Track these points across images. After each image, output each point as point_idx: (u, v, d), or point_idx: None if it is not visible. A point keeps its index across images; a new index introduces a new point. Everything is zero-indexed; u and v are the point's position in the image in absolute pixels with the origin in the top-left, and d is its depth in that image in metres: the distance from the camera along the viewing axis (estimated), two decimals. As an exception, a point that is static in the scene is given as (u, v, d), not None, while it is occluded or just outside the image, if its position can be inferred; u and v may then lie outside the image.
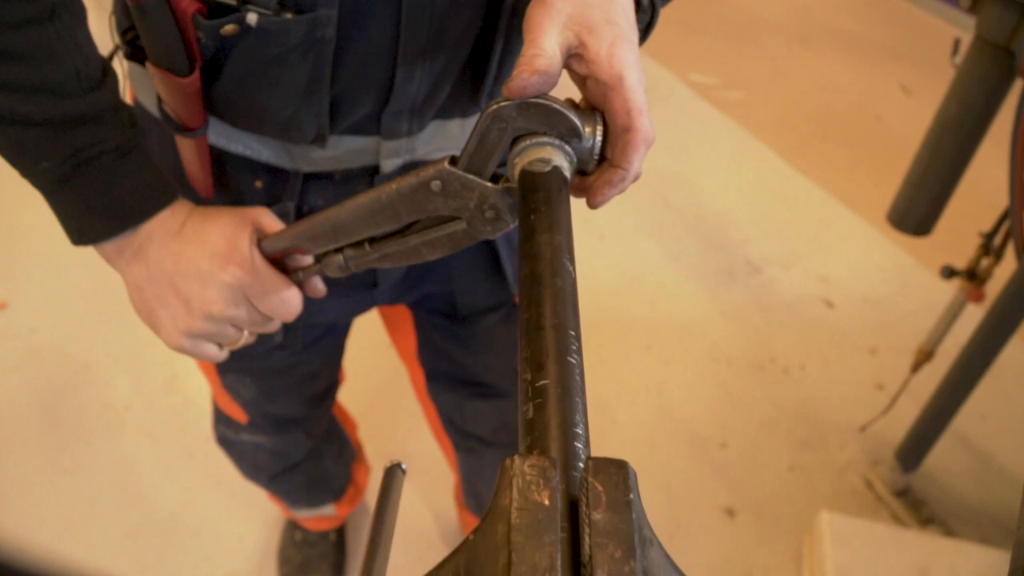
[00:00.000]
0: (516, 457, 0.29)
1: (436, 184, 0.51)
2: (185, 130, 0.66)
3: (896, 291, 2.20)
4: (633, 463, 0.27)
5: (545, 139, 0.48)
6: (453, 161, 0.51)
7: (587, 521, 0.27)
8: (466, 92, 0.72)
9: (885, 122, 2.86)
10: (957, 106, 1.25)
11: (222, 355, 0.65)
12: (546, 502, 0.27)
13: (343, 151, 0.71)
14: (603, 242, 2.25)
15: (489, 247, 0.91)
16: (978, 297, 1.47)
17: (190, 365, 1.82)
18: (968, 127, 1.25)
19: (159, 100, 0.66)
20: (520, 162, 0.48)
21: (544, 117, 0.48)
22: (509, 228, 0.54)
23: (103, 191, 0.57)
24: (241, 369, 0.95)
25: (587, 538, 0.26)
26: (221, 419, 1.15)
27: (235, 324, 0.62)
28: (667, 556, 0.29)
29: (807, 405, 1.88)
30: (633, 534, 0.27)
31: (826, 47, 3.26)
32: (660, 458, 1.72)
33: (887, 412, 1.75)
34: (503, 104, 0.48)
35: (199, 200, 0.71)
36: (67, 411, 1.70)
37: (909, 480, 1.69)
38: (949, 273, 1.49)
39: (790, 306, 2.13)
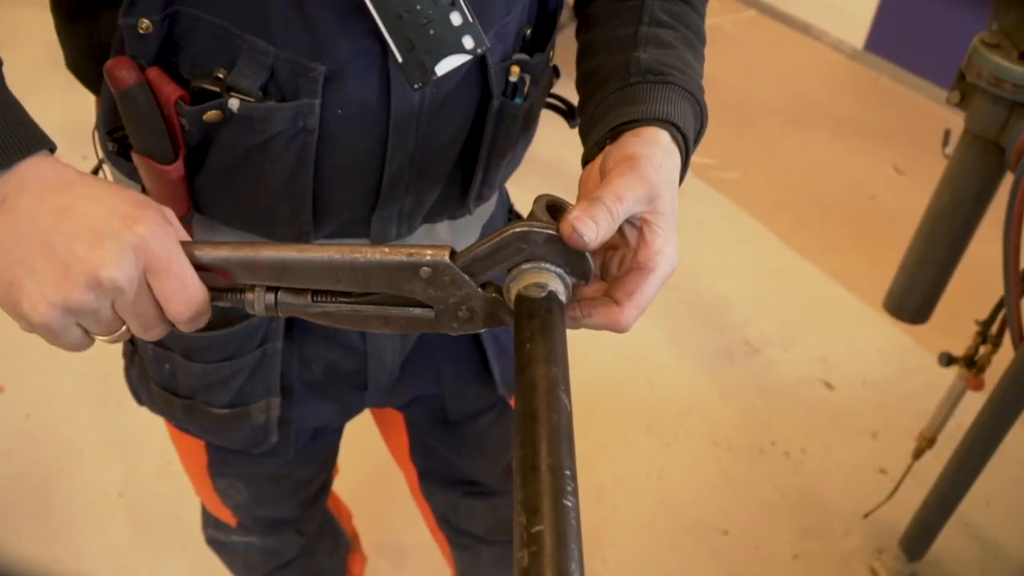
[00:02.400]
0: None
1: (426, 271, 0.50)
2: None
3: (895, 372, 2.19)
4: (633, 551, 0.27)
5: (551, 266, 0.49)
6: (453, 255, 0.51)
7: None
8: (454, 195, 0.74)
9: (879, 202, 2.90)
10: (949, 197, 1.28)
11: (85, 342, 0.52)
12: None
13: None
14: (602, 323, 2.26)
15: (479, 350, 0.91)
16: (977, 385, 1.46)
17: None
18: (961, 218, 1.28)
19: (144, 193, 0.64)
20: (516, 285, 0.49)
21: (566, 256, 0.49)
22: (477, 331, 0.54)
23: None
24: (234, 474, 0.93)
25: None
26: (210, 521, 1.12)
27: (118, 304, 0.49)
28: None
29: (809, 490, 1.85)
30: None
31: (820, 129, 3.33)
32: (661, 546, 1.69)
33: (890, 498, 1.72)
34: (536, 229, 0.48)
35: (196, 342, 0.72)
36: (60, 498, 1.68)
37: (915, 569, 1.66)
38: (947, 361, 1.49)
39: (790, 387, 2.12)
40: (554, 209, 0.53)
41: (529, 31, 0.70)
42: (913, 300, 1.38)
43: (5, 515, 1.63)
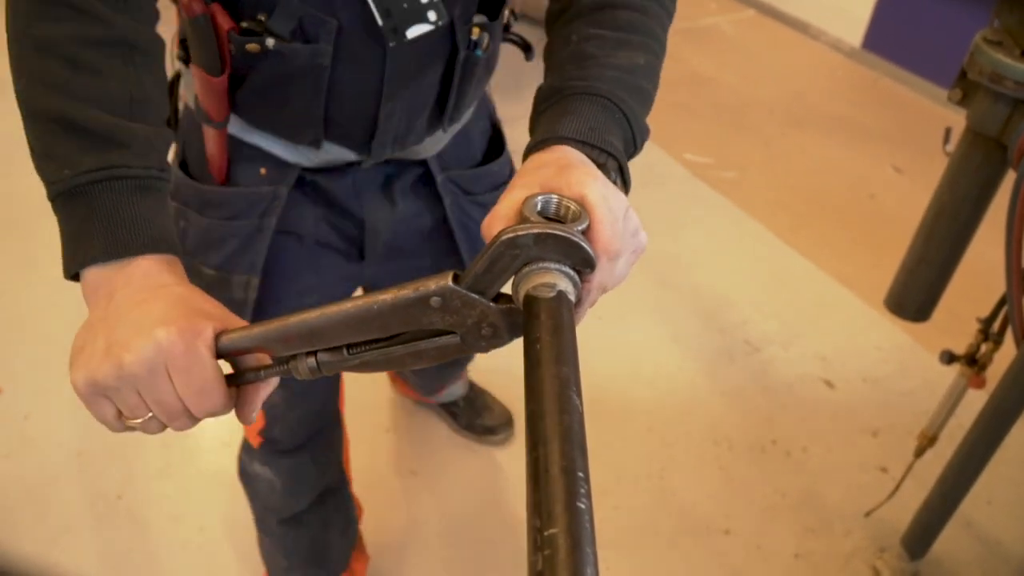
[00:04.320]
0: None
1: (436, 300, 0.51)
2: (212, 121, 0.87)
3: (895, 371, 2.19)
4: (635, 551, 0.26)
5: (552, 264, 0.49)
6: (456, 279, 0.51)
7: None
8: (434, 121, 0.96)
9: (879, 201, 2.90)
10: (951, 195, 1.27)
11: (117, 424, 0.57)
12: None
13: (335, 155, 0.93)
14: (601, 323, 2.25)
15: (450, 239, 1.08)
16: (979, 384, 1.46)
17: (185, 452, 1.79)
18: (962, 216, 1.27)
19: (196, 99, 0.87)
20: (525, 286, 0.49)
21: (561, 248, 0.49)
22: (505, 344, 0.54)
23: (110, 213, 0.56)
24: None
25: None
26: (245, 447, 1.25)
27: (141, 391, 0.54)
28: None
29: (811, 489, 1.85)
30: None
31: (818, 128, 3.33)
32: (662, 546, 1.69)
33: (892, 497, 1.72)
34: (520, 233, 0.48)
35: (211, 196, 0.92)
36: (58, 500, 1.67)
37: (917, 568, 1.65)
38: (949, 359, 1.49)
39: (790, 386, 2.12)
40: (548, 206, 0.53)
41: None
42: (914, 298, 1.38)
43: (4, 517, 1.62)
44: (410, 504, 1.74)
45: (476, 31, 0.87)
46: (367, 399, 1.53)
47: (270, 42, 0.78)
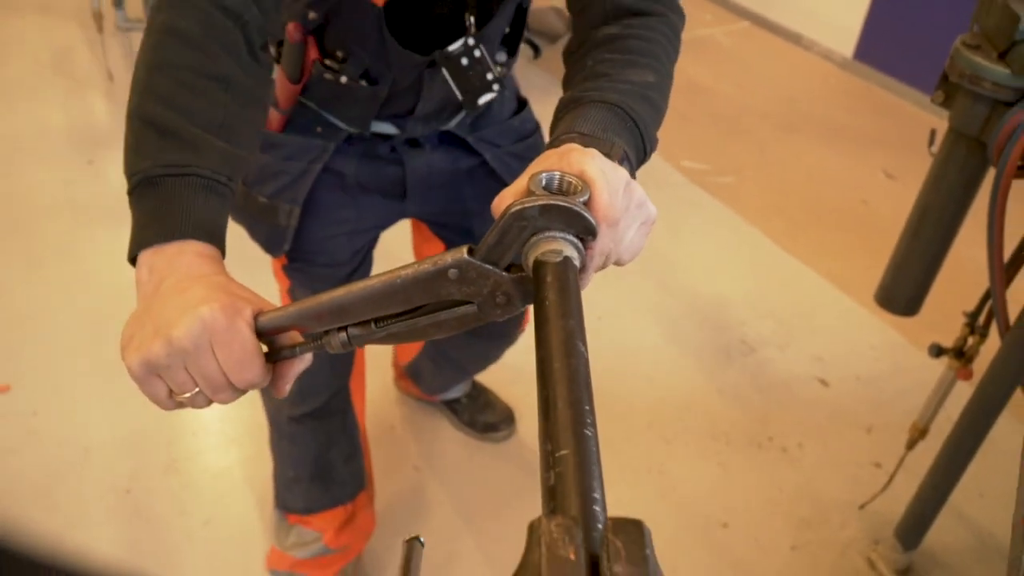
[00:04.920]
0: (542, 518, 0.32)
1: (454, 272, 0.55)
2: (279, 107, 1.11)
3: (889, 370, 2.23)
4: None
5: (557, 233, 0.53)
6: (471, 251, 0.55)
7: (609, 574, 0.30)
8: (458, 111, 1.20)
9: (872, 206, 2.95)
10: (935, 193, 1.32)
11: (168, 402, 0.62)
12: (572, 557, 0.31)
13: (377, 128, 1.16)
14: (602, 322, 2.30)
15: (496, 178, 1.26)
16: (966, 375, 1.50)
17: (191, 448, 1.83)
18: (947, 213, 1.32)
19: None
20: (533, 253, 0.53)
21: (564, 218, 0.53)
22: (518, 311, 0.58)
23: (173, 200, 0.63)
24: (300, 273, 1.24)
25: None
26: None
27: (188, 365, 0.59)
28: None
29: (807, 484, 1.89)
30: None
31: (812, 135, 3.38)
32: (662, 540, 1.72)
33: (885, 490, 1.76)
34: (527, 205, 0.52)
35: (273, 138, 1.13)
36: (67, 495, 1.70)
37: (911, 559, 1.69)
38: (937, 351, 1.53)
39: (786, 384, 2.16)
40: (552, 181, 0.57)
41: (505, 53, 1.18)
42: (903, 292, 1.42)
43: (13, 512, 1.65)
44: (413, 499, 1.78)
45: (499, 69, 1.14)
46: (371, 397, 1.57)
47: (343, 79, 1.05)
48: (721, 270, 2.58)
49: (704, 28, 4.24)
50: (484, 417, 1.92)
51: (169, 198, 0.63)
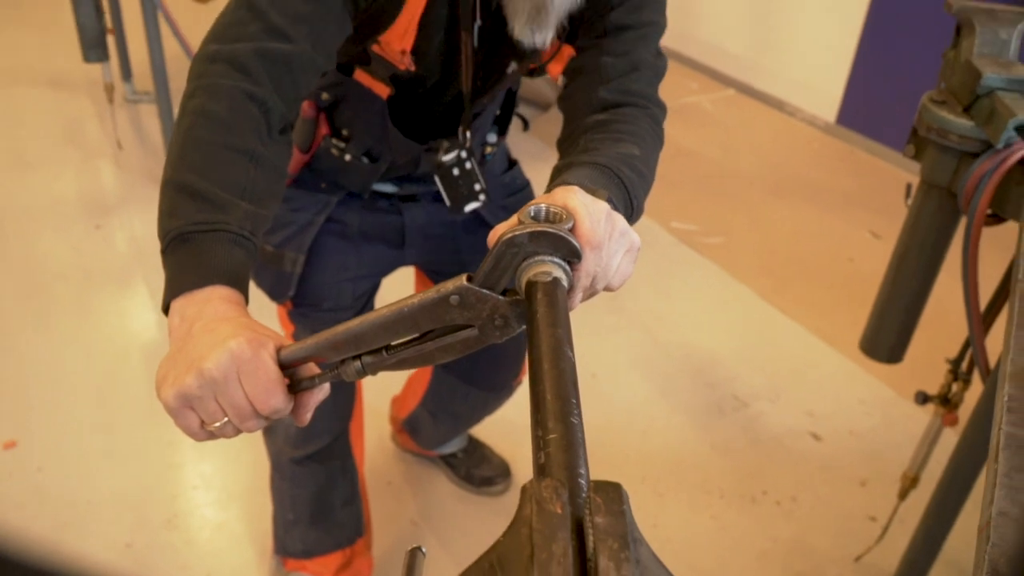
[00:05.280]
0: (533, 480, 0.37)
1: (455, 298, 0.60)
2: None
3: (879, 423, 2.27)
4: None
5: (546, 257, 0.59)
6: (470, 279, 0.60)
7: (591, 524, 0.34)
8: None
9: (857, 264, 3.03)
10: (911, 241, 1.39)
11: (200, 432, 0.67)
12: (559, 511, 0.35)
13: (377, 187, 1.27)
14: (596, 379, 2.34)
15: (487, 227, 1.28)
16: (952, 421, 1.54)
17: (192, 503, 1.84)
18: (923, 261, 1.38)
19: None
20: (525, 276, 0.58)
21: (552, 243, 0.59)
22: (515, 333, 0.63)
23: (203, 253, 0.71)
24: (303, 319, 1.32)
25: (591, 536, 0.34)
26: None
27: (218, 395, 0.64)
28: (655, 555, 0.36)
29: (801, 538, 1.90)
30: (627, 533, 0.34)
31: (798, 196, 3.48)
32: (658, 591, 1.73)
33: (880, 541, 1.77)
34: (517, 233, 0.58)
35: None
36: (69, 548, 1.71)
37: (907, 610, 1.69)
38: (923, 399, 1.57)
39: (779, 439, 2.19)
40: (539, 213, 0.64)
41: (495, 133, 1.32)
42: (886, 339, 1.47)
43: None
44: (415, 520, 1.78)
45: (489, 149, 1.28)
46: (369, 452, 1.60)
47: (347, 157, 1.20)
48: (712, 327, 2.63)
49: (690, 96, 4.39)
50: (480, 471, 1.94)
51: (199, 251, 0.71)
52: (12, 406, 2.07)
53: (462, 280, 0.60)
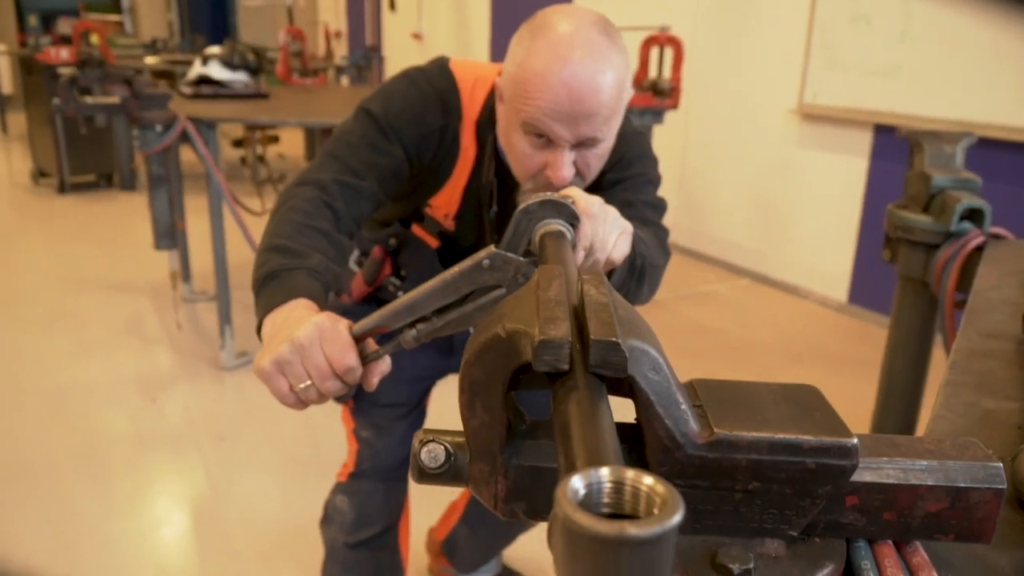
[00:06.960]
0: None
1: (487, 262, 0.76)
2: (352, 296, 1.48)
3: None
4: None
5: (552, 219, 0.77)
6: (496, 244, 0.78)
7: (579, 281, 0.50)
8: None
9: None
10: (899, 333, 1.53)
11: (289, 395, 0.82)
12: (556, 272, 0.51)
13: None
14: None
15: None
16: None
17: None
18: (912, 348, 1.52)
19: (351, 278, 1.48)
20: (538, 234, 0.76)
21: (557, 208, 0.78)
22: None
23: (286, 282, 0.94)
24: (365, 415, 1.49)
25: (580, 282, 0.49)
26: (332, 489, 1.57)
27: (304, 360, 0.80)
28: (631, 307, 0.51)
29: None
30: (604, 278, 0.50)
31: (815, 365, 3.62)
32: None
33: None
34: (529, 202, 0.77)
35: (347, 306, 1.48)
36: None
37: None
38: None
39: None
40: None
41: None
42: (890, 428, 1.57)
43: None
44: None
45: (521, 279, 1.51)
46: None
47: (400, 294, 1.28)
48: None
49: (708, 285, 4.67)
50: None
51: (284, 281, 0.94)
52: (69, 549, 2.15)
53: (491, 248, 0.77)
